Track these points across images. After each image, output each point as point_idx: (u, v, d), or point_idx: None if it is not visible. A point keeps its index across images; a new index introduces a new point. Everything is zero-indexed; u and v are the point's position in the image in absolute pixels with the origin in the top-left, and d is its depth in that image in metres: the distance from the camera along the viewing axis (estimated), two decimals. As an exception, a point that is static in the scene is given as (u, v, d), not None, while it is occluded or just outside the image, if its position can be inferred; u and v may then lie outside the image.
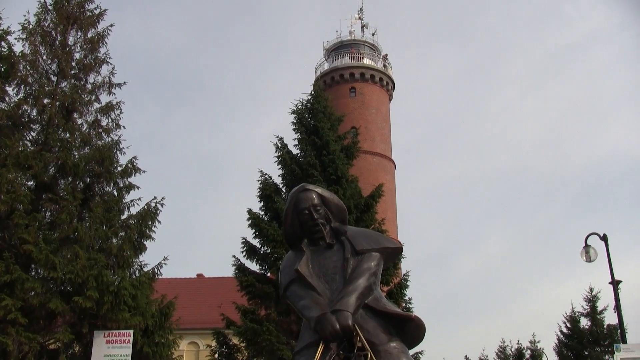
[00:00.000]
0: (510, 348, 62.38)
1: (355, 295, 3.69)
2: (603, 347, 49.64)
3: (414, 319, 3.78)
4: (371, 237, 4.13)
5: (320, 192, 4.15)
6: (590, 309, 51.44)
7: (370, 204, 28.19)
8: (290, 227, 4.17)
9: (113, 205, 23.06)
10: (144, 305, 21.86)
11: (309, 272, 3.94)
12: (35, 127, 23.67)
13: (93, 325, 21.03)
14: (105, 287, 20.35)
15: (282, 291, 4.04)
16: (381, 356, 3.51)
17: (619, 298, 22.09)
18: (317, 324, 3.62)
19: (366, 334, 3.61)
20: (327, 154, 27.42)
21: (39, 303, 20.14)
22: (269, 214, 27.75)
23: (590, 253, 22.86)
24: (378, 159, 51.03)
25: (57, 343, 21.27)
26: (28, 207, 21.27)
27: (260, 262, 27.42)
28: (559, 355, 53.10)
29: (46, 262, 20.18)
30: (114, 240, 22.65)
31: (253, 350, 25.68)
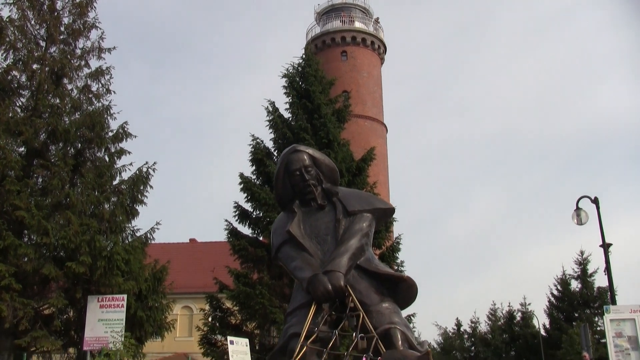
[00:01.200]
0: (501, 310, 62.91)
1: (347, 256, 3.68)
2: (593, 309, 50.12)
3: (406, 280, 3.78)
4: (363, 198, 4.11)
5: (311, 153, 4.12)
6: (581, 271, 51.82)
7: (361, 167, 28.20)
8: (281, 189, 4.15)
9: (105, 170, 23.00)
10: (137, 270, 21.94)
11: (301, 233, 3.92)
12: (25, 93, 23.49)
13: (87, 290, 21.11)
14: (98, 253, 20.39)
15: (274, 252, 4.04)
16: (373, 316, 3.52)
17: (610, 261, 22.22)
18: (309, 284, 3.61)
19: (358, 295, 3.61)
20: (318, 118, 27.35)
21: (32, 269, 20.17)
22: (261, 178, 27.75)
23: (582, 216, 22.92)
24: (370, 122, 50.92)
25: (51, 308, 21.37)
26: (19, 174, 21.19)
27: (253, 226, 27.48)
28: (549, 317, 53.58)
29: (39, 228, 20.18)
30: (106, 205, 22.64)
31: (246, 313, 25.84)
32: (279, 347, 3.69)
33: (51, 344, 20.84)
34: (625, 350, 19.18)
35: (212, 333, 27.70)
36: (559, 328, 49.92)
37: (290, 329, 3.66)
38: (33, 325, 20.57)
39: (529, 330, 56.58)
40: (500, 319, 62.00)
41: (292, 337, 3.58)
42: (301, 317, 3.62)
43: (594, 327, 45.05)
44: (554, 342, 49.09)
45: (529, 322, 58.00)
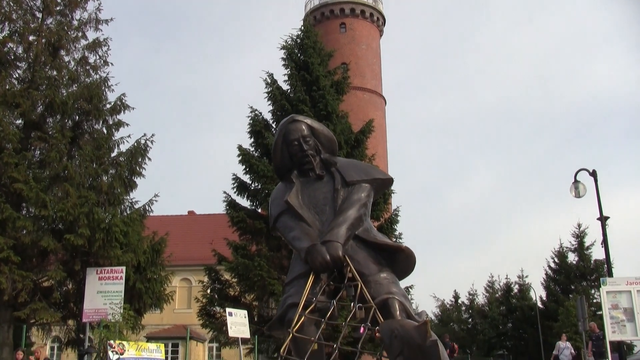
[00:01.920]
0: (498, 283, 63.26)
1: (345, 226, 3.68)
2: (590, 282, 50.39)
3: (404, 250, 3.77)
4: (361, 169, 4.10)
5: (309, 123, 4.10)
6: (578, 244, 52.02)
7: (360, 139, 28.17)
8: (279, 159, 4.13)
9: (102, 142, 22.93)
10: (135, 242, 21.96)
11: (299, 204, 3.91)
12: (22, 65, 23.36)
13: (85, 262, 21.16)
14: (96, 225, 20.39)
15: (272, 222, 4.03)
16: (371, 287, 3.51)
17: (607, 234, 22.28)
18: (308, 254, 3.61)
19: (356, 265, 3.61)
20: (317, 90, 27.27)
21: (31, 241, 20.20)
22: (259, 150, 27.72)
23: (580, 189, 22.91)
24: (368, 94, 50.72)
25: (50, 280, 21.44)
26: (17, 146, 21.16)
27: (251, 198, 27.51)
28: (546, 289, 53.88)
29: (37, 201, 20.17)
30: (104, 177, 22.61)
31: (244, 285, 25.95)
32: (277, 317, 3.69)
33: (50, 316, 20.91)
34: (621, 322, 19.30)
35: (210, 305, 27.83)
36: (556, 300, 50.22)
37: (289, 299, 3.66)
38: (32, 297, 20.65)
39: (526, 302, 56.92)
40: (498, 291, 62.37)
41: (290, 307, 3.59)
42: (299, 288, 3.62)
43: (591, 299, 45.31)
44: (551, 314, 49.40)
45: (526, 294, 58.33)
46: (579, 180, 23.00)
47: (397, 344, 2.76)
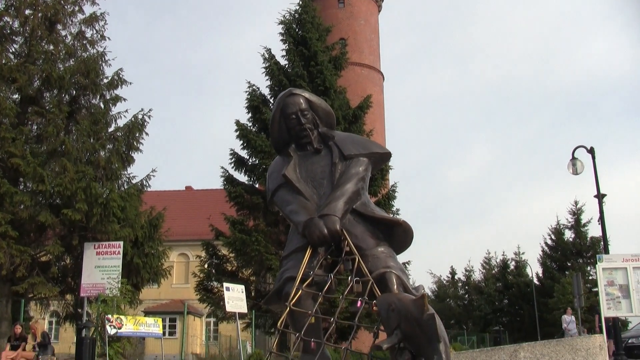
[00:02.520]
0: (495, 259, 63.50)
1: (343, 200, 3.67)
2: (585, 259, 50.62)
3: (402, 224, 3.77)
4: (359, 142, 4.09)
5: (307, 97, 4.08)
6: (575, 221, 52.18)
7: (358, 115, 28.13)
8: (277, 133, 4.12)
9: (100, 117, 22.87)
10: (133, 217, 21.98)
11: (297, 177, 3.90)
12: (18, 39, 23.22)
13: (83, 237, 21.18)
14: (94, 200, 20.38)
15: (270, 196, 4.02)
16: (369, 260, 3.51)
17: (604, 211, 22.30)
18: (305, 228, 3.61)
19: (354, 239, 3.61)
20: (315, 65, 27.19)
21: (28, 216, 20.20)
22: (257, 125, 27.69)
23: (577, 166, 22.88)
24: (366, 70, 50.52)
25: (48, 255, 21.47)
26: (14, 121, 21.09)
27: (249, 174, 27.52)
28: (542, 266, 54.14)
29: (34, 176, 20.15)
30: (101, 152, 22.57)
31: (242, 260, 26.03)
32: (275, 290, 3.69)
33: (48, 291, 20.99)
34: (617, 299, 19.38)
35: (208, 280, 27.93)
36: (552, 277, 50.48)
37: (286, 272, 3.67)
38: (30, 272, 20.70)
39: (522, 279, 57.21)
40: (494, 267, 62.61)
41: (287, 281, 3.59)
42: (296, 261, 3.62)
43: (586, 276, 45.52)
44: (547, 290, 49.68)
45: (523, 271, 58.61)
46: (576, 158, 22.97)
47: (394, 317, 2.76)
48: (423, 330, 2.61)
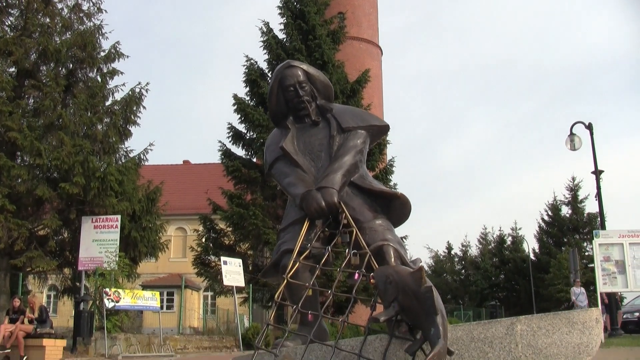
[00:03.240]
0: (492, 234, 63.71)
1: (340, 173, 3.66)
2: (582, 235, 50.82)
3: (400, 197, 3.76)
4: (357, 115, 4.07)
5: (305, 69, 4.06)
6: (572, 197, 52.34)
7: (356, 89, 28.06)
8: (275, 105, 4.09)
9: (97, 91, 22.77)
10: (130, 191, 21.96)
11: (294, 150, 3.89)
12: (14, 12, 23.02)
13: (81, 211, 21.19)
14: (91, 173, 20.36)
15: (267, 169, 4.01)
16: (366, 233, 3.51)
17: (601, 187, 22.34)
18: (303, 200, 3.60)
19: (351, 212, 3.60)
20: (313, 39, 27.07)
21: (26, 190, 20.18)
22: (255, 99, 27.64)
23: (575, 141, 22.90)
24: (365, 45, 50.24)
25: (45, 229, 21.47)
26: (11, 94, 20.98)
27: (246, 148, 27.52)
28: (539, 242, 54.37)
29: (31, 149, 20.09)
30: (98, 126, 22.49)
31: (239, 234, 26.10)
32: (272, 263, 3.70)
33: (46, 264, 21.01)
34: (612, 274, 19.50)
35: (205, 254, 28.03)
36: (548, 253, 50.71)
37: (283, 245, 3.66)
38: (28, 245, 20.71)
39: (519, 254, 57.45)
40: (491, 243, 62.83)
41: (284, 254, 3.59)
42: (294, 234, 3.62)
43: (582, 252, 45.71)
44: (543, 266, 49.93)
45: (519, 246, 58.84)
46: (574, 133, 22.99)
47: (392, 290, 2.76)
48: (420, 302, 2.61)
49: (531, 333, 2.86)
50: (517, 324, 2.85)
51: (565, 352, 2.90)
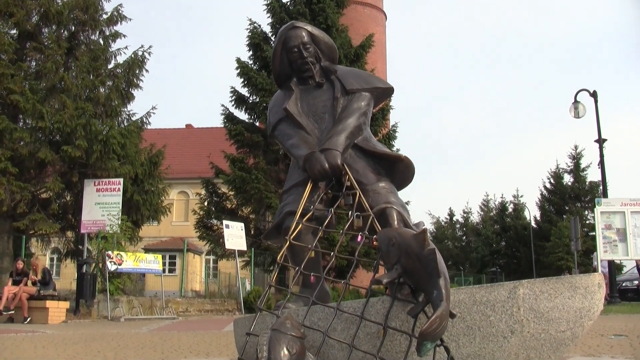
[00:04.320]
0: (493, 201, 63.85)
1: (344, 135, 3.64)
2: (583, 203, 50.90)
3: (404, 160, 3.74)
4: (362, 77, 4.03)
5: (310, 30, 4.01)
6: (574, 166, 52.32)
7: (360, 54, 27.88)
8: (279, 66, 4.06)
9: (99, 54, 22.67)
10: (133, 154, 21.96)
11: (298, 111, 3.86)
12: (14, -28, 22.83)
13: (83, 174, 21.20)
14: (93, 136, 20.36)
15: (270, 130, 3.99)
16: (369, 196, 3.50)
17: (604, 155, 22.32)
18: (306, 162, 3.58)
19: (355, 174, 3.59)
20: (317, 3, 26.85)
21: (28, 153, 20.19)
22: (258, 63, 27.51)
23: (579, 109, 22.83)
24: (369, 9, 49.86)
25: (48, 192, 21.52)
26: (12, 57, 20.90)
27: (249, 112, 27.47)
28: (540, 209, 54.46)
29: (34, 112, 20.06)
30: (101, 89, 22.44)
31: (242, 198, 26.13)
32: (274, 224, 3.69)
33: (49, 227, 21.10)
34: (613, 242, 19.58)
35: (207, 217, 28.11)
36: (549, 220, 50.82)
37: (286, 207, 3.66)
38: (31, 208, 20.80)
39: (520, 221, 57.61)
40: (493, 210, 63.00)
41: (287, 215, 3.58)
42: (297, 196, 3.61)
43: (584, 220, 45.82)
44: (544, 234, 50.08)
45: (520, 213, 58.99)
46: (578, 101, 22.91)
47: (395, 252, 2.75)
48: (423, 265, 2.60)
49: (533, 297, 2.86)
50: (519, 288, 2.85)
51: (567, 316, 2.90)
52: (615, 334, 8.33)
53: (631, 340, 7.52)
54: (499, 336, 2.79)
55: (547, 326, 2.85)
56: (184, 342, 8.58)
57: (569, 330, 2.91)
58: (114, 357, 6.79)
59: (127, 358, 6.62)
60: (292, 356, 2.61)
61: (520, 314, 2.82)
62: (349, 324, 2.87)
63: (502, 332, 2.79)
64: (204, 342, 8.55)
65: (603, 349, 6.66)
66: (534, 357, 2.88)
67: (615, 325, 9.84)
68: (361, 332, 2.82)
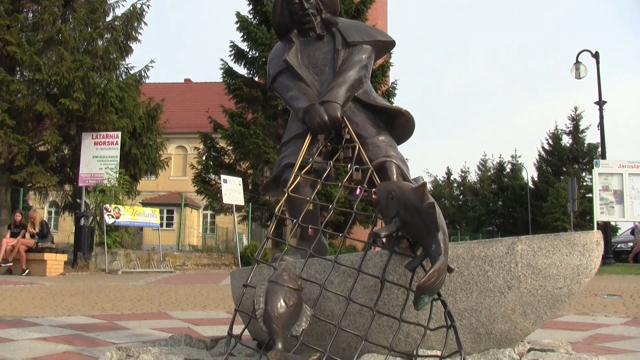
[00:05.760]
0: (491, 161, 63.97)
1: (344, 87, 3.59)
2: (581, 165, 51.04)
3: (404, 113, 3.70)
4: (363, 30, 3.97)
5: (311, -19, 3.95)
6: (573, 127, 52.32)
7: (360, 9, 27.59)
8: (279, 17, 3.98)
9: (97, 6, 22.46)
10: (131, 108, 21.89)
11: (298, 63, 3.80)
12: None
13: (81, 127, 21.16)
14: (91, 89, 20.26)
15: (270, 82, 3.93)
16: (369, 149, 3.47)
17: (604, 117, 22.29)
18: (305, 114, 3.54)
19: (354, 127, 3.55)
20: (318, -44, 26.52)
21: (25, 105, 20.11)
22: (258, 17, 27.30)
23: (581, 70, 22.75)
24: (371, -36, 49.23)
25: (46, 145, 21.50)
26: (9, 7, 20.69)
27: (248, 66, 27.34)
28: (538, 170, 54.60)
29: (31, 64, 19.93)
30: (99, 42, 22.27)
31: (240, 153, 26.13)
32: (273, 176, 3.67)
33: (47, 180, 21.11)
34: (610, 204, 19.65)
35: (205, 172, 28.15)
36: (547, 181, 50.99)
37: (285, 159, 3.63)
38: (29, 161, 20.80)
39: (518, 182, 57.79)
40: (490, 169, 63.14)
41: (286, 168, 3.56)
42: (296, 148, 3.58)
43: (581, 182, 45.98)
44: (541, 194, 50.28)
45: (518, 174, 59.15)
46: (580, 62, 22.81)
47: (394, 205, 2.74)
48: (422, 219, 2.59)
49: (531, 253, 2.85)
50: (518, 244, 2.84)
51: (565, 273, 2.90)
52: (608, 293, 8.41)
53: (624, 300, 7.59)
54: (496, 292, 2.79)
55: (544, 282, 2.85)
56: (181, 295, 8.63)
57: (565, 287, 2.91)
58: (111, 308, 6.84)
59: (125, 310, 6.66)
60: (288, 308, 2.61)
61: (518, 269, 2.82)
62: (346, 277, 2.87)
63: (499, 287, 2.79)
64: (200, 295, 8.60)
65: (597, 308, 6.73)
66: (530, 313, 2.88)
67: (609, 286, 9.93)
68: (358, 285, 2.81)
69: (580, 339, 4.40)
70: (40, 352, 3.71)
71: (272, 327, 2.56)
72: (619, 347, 4.03)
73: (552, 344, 3.13)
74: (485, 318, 2.81)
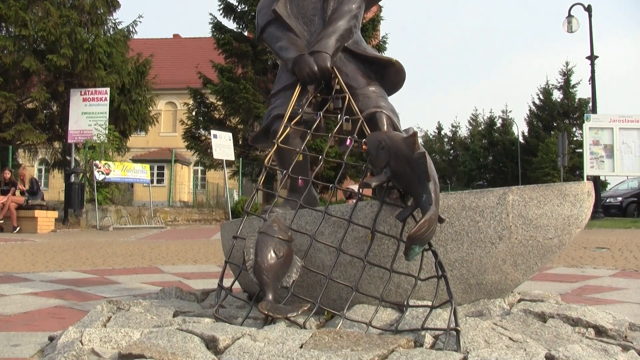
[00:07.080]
0: (482, 116, 63.92)
1: (334, 37, 3.53)
2: (572, 120, 51.06)
3: (395, 64, 3.65)
4: (352, -21, 3.91)
5: None
6: (564, 82, 52.19)
7: (350, -38, 27.30)
8: (268, -34, 3.92)
9: (83, -42, 22.09)
10: (119, 64, 21.68)
11: (287, 13, 3.73)
12: None
13: (69, 83, 20.97)
14: (79, 45, 20.03)
15: (258, 32, 3.86)
16: (359, 100, 3.42)
17: (595, 72, 22.22)
18: (295, 65, 3.48)
19: (345, 77, 3.50)
20: None
21: (12, 62, 19.88)
22: (247, -30, 27.00)
23: (573, 23, 22.59)
24: None
25: (34, 102, 21.32)
26: (-8, -38, 20.35)
27: (238, 21, 27.09)
28: (528, 125, 54.60)
29: (16, 19, 19.67)
30: (86, -4, 21.97)
31: (230, 108, 26.04)
32: (262, 128, 3.62)
33: (36, 137, 21.00)
34: (600, 158, 19.70)
35: (195, 127, 28.08)
36: (537, 136, 51.06)
37: (274, 110, 3.58)
38: (17, 118, 20.64)
39: (508, 137, 57.84)
40: (481, 124, 63.13)
41: (275, 119, 3.51)
42: (285, 99, 3.53)
43: (571, 137, 46.06)
44: (531, 149, 50.39)
45: (509, 129, 59.18)
46: (572, 15, 22.65)
47: (384, 155, 2.71)
48: (413, 169, 2.56)
49: (523, 203, 2.84)
50: (509, 194, 2.83)
51: (555, 223, 2.89)
52: (597, 246, 8.47)
53: (613, 252, 7.65)
54: (487, 242, 2.78)
55: (535, 233, 2.85)
56: (172, 250, 8.65)
57: (556, 237, 2.91)
58: (102, 263, 6.84)
59: (116, 265, 6.67)
60: (279, 259, 2.60)
61: (509, 220, 2.81)
62: (336, 228, 2.85)
63: (490, 238, 2.78)
64: (191, 250, 8.62)
65: (586, 260, 6.78)
66: (521, 264, 2.88)
67: (598, 239, 10.00)
68: (349, 236, 2.80)
69: (569, 290, 4.44)
70: (32, 306, 3.71)
71: (262, 279, 2.55)
72: (607, 297, 4.08)
73: (542, 294, 3.14)
74: (476, 268, 2.81)
